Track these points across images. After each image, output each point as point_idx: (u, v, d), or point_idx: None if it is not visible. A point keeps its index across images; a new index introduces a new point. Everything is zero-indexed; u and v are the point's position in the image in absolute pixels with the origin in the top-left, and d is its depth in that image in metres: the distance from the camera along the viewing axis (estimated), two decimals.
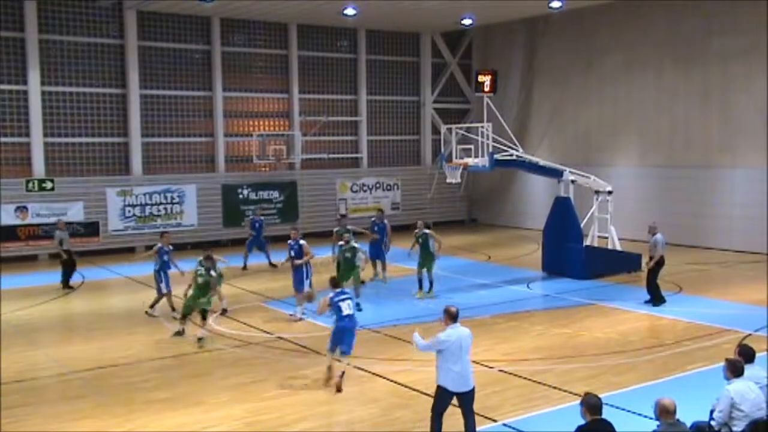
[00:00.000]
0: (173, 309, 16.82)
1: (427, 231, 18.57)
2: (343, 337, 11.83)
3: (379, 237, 20.28)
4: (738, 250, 24.61)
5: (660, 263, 17.27)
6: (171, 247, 17.51)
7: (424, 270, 18.44)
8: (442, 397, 9.14)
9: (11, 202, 24.80)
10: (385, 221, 20.87)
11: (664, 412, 7.19)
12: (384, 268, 20.53)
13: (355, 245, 17.48)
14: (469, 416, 9.19)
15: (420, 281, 18.52)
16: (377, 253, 20.28)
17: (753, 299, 17.64)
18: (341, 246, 17.69)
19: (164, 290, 17.03)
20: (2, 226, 24.59)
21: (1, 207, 24.59)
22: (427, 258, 18.42)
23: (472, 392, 9.14)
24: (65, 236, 21.03)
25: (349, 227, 19.53)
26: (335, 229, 20.01)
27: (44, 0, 25.36)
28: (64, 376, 12.83)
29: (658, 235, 17.31)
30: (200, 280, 14.66)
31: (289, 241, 17.08)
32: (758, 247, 24.09)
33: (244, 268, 22.81)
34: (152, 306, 17.12)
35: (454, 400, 9.17)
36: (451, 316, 9.24)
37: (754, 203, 24.38)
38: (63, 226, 21.67)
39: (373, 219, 21.10)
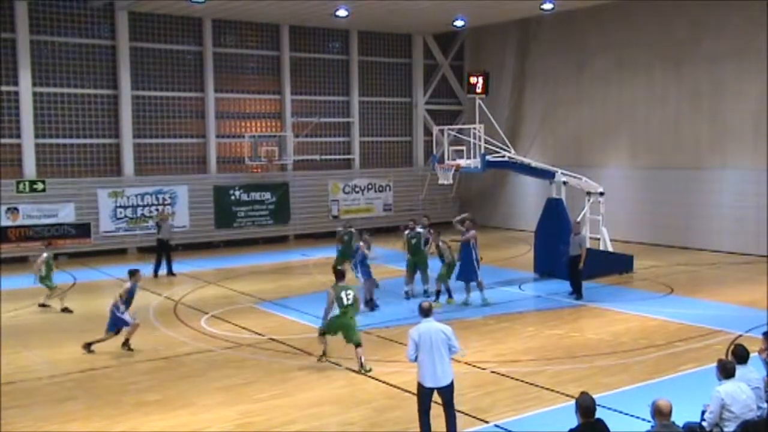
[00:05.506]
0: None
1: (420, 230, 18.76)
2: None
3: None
4: (728, 251, 24.68)
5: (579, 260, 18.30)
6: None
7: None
8: (420, 393, 9.22)
9: (2, 203, 24.68)
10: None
11: (659, 414, 7.20)
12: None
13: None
14: (448, 412, 9.23)
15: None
16: None
17: (744, 300, 17.68)
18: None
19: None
20: None
21: None
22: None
23: (448, 388, 9.17)
24: (166, 226, 22.66)
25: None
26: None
27: (35, 0, 25.29)
28: (55, 377, 12.79)
29: (581, 234, 18.81)
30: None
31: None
32: (748, 249, 24.15)
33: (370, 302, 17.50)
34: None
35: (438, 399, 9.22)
36: (421, 311, 9.45)
37: (743, 205, 24.43)
38: (165, 217, 23.72)
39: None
